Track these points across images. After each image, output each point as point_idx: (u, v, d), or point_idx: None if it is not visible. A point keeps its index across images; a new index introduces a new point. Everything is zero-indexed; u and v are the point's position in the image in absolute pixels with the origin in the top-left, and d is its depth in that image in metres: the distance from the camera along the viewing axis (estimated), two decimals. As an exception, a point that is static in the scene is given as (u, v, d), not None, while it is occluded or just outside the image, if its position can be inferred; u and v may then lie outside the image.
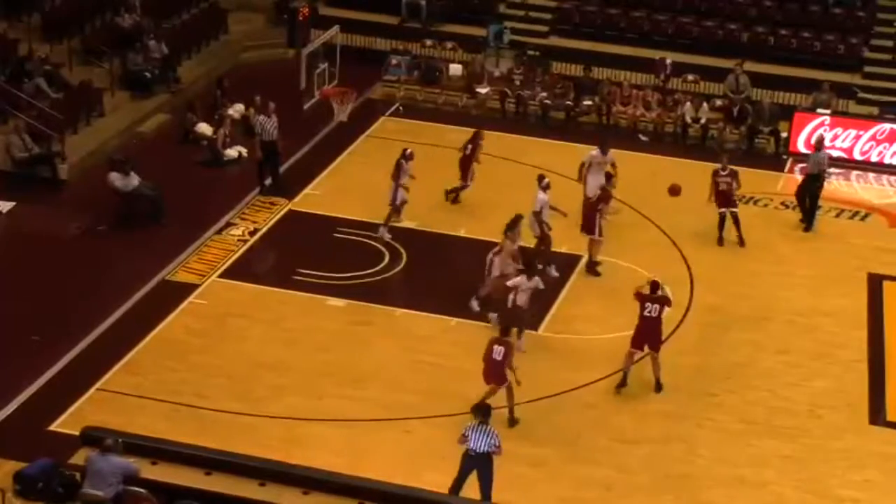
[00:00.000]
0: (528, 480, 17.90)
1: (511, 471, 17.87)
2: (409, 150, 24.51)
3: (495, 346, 18.89)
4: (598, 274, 23.64)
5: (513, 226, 22.10)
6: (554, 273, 23.30)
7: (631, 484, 18.19)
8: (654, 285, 20.01)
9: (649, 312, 19.82)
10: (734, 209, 24.86)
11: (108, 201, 24.65)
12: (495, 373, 18.90)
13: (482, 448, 16.72)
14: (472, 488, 16.94)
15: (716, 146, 29.41)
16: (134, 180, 24.59)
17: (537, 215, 23.17)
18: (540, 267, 22.20)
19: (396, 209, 24.22)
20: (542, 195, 23.24)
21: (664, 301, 20.09)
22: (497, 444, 16.76)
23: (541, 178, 23.67)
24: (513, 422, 19.01)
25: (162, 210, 24.75)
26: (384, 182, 24.79)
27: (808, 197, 25.93)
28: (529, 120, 30.66)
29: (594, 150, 25.17)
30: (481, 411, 16.97)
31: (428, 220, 25.04)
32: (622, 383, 20.19)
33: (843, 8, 33.03)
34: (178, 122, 29.15)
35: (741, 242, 24.79)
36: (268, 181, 26.28)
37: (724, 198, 24.82)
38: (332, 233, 24.50)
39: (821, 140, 26.69)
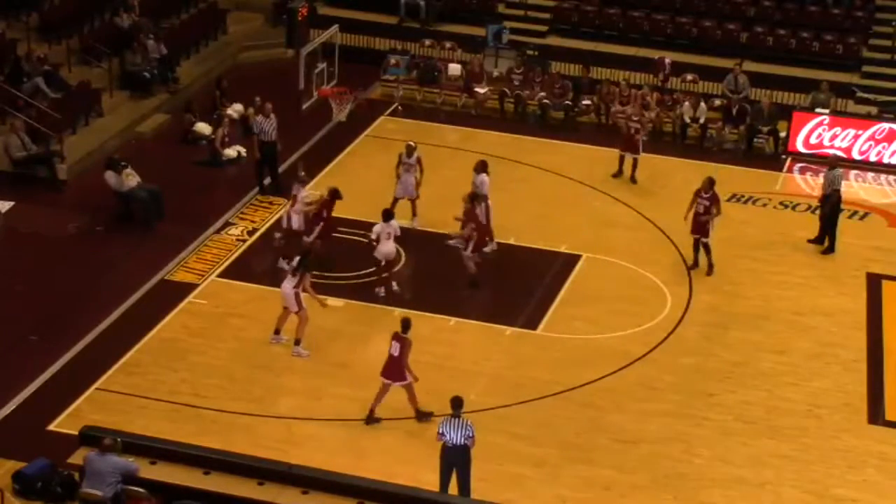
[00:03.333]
0: (528, 480, 17.90)
1: (511, 471, 17.90)
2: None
3: (393, 342, 18.83)
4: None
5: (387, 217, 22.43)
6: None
7: (630, 484, 18.19)
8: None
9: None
10: (705, 239, 23.49)
11: (106, 201, 24.65)
12: (394, 370, 18.84)
13: (459, 441, 16.77)
14: (471, 489, 16.95)
15: (715, 146, 29.46)
16: (132, 180, 24.59)
17: (477, 197, 23.37)
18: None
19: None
20: (485, 176, 23.67)
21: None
22: (471, 434, 16.78)
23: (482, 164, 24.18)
24: (422, 416, 19.01)
25: (161, 210, 24.74)
26: (383, 182, 24.79)
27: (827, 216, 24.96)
28: (528, 120, 30.65)
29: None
30: (452, 404, 16.97)
31: (427, 220, 25.02)
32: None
33: (842, 8, 33.05)
34: (177, 122, 29.15)
35: (710, 271, 23.59)
36: (267, 181, 26.28)
37: (697, 223, 23.41)
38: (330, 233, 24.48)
39: (836, 159, 25.83)
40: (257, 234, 24.65)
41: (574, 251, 24.27)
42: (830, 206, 24.85)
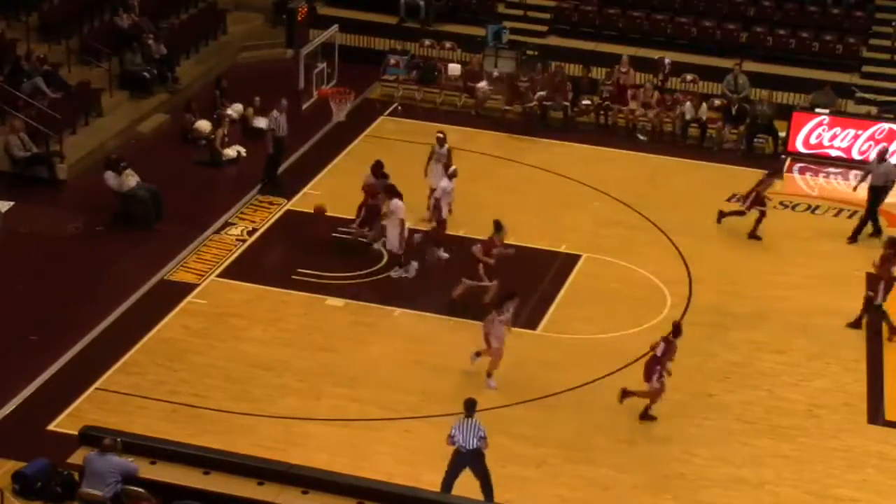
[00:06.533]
0: (528, 480, 17.90)
1: (511, 471, 17.89)
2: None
3: (660, 342, 19.14)
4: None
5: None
6: (444, 255, 23.77)
7: (629, 484, 18.19)
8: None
9: None
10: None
11: (106, 201, 24.65)
12: (648, 369, 19.25)
13: (472, 444, 16.73)
14: (467, 487, 16.95)
15: (715, 146, 29.49)
16: (132, 180, 24.58)
17: (438, 203, 23.56)
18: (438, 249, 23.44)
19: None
20: (446, 183, 23.61)
21: None
22: (483, 435, 16.75)
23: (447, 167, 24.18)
24: (645, 416, 19.56)
25: (161, 210, 24.74)
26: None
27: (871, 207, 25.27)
28: (529, 120, 30.63)
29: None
30: (466, 406, 16.95)
31: (426, 220, 25.00)
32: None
33: (842, 8, 33.04)
34: (177, 122, 29.16)
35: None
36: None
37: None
38: (331, 233, 24.49)
39: (884, 150, 25.96)
40: (257, 234, 24.66)
41: (574, 251, 24.27)
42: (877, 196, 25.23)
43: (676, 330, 19.39)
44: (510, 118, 30.46)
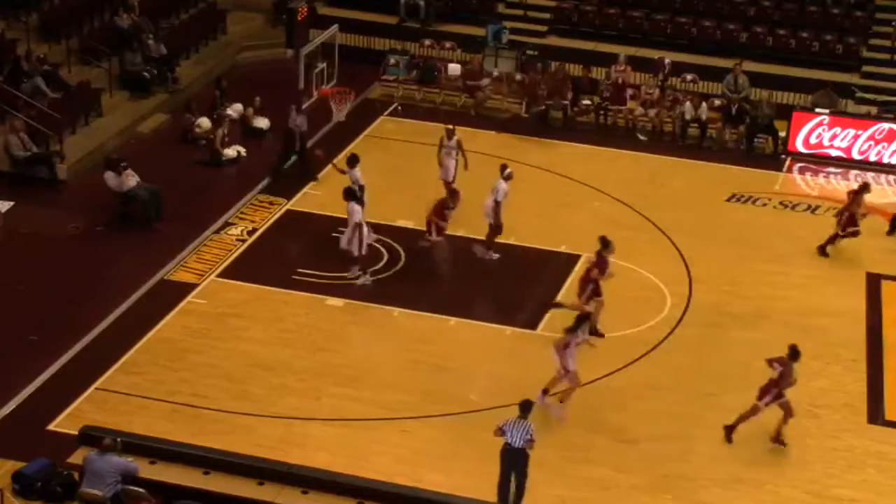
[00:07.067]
0: (528, 480, 17.88)
1: (510, 470, 17.89)
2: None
3: (775, 364, 18.84)
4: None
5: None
6: (494, 255, 23.73)
7: (629, 483, 18.19)
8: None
9: None
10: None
11: (106, 201, 24.65)
12: (765, 389, 18.92)
13: (518, 443, 16.81)
14: (468, 487, 16.95)
15: (715, 145, 29.49)
16: (132, 180, 24.58)
17: (497, 204, 23.42)
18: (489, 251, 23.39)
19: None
20: (503, 184, 23.46)
21: None
22: (530, 437, 16.84)
23: (503, 167, 23.89)
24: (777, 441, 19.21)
25: (160, 210, 24.74)
26: (383, 182, 24.78)
27: None
28: (530, 120, 30.62)
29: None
30: (521, 407, 17.04)
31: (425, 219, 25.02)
32: None
33: (842, 8, 33.04)
34: (177, 121, 29.15)
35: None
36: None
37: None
38: (331, 232, 24.48)
39: None
40: (257, 234, 24.65)
41: (574, 251, 24.26)
42: None
43: (794, 353, 18.89)
44: (511, 119, 30.46)
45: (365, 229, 22.59)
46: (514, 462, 17.02)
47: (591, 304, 21.28)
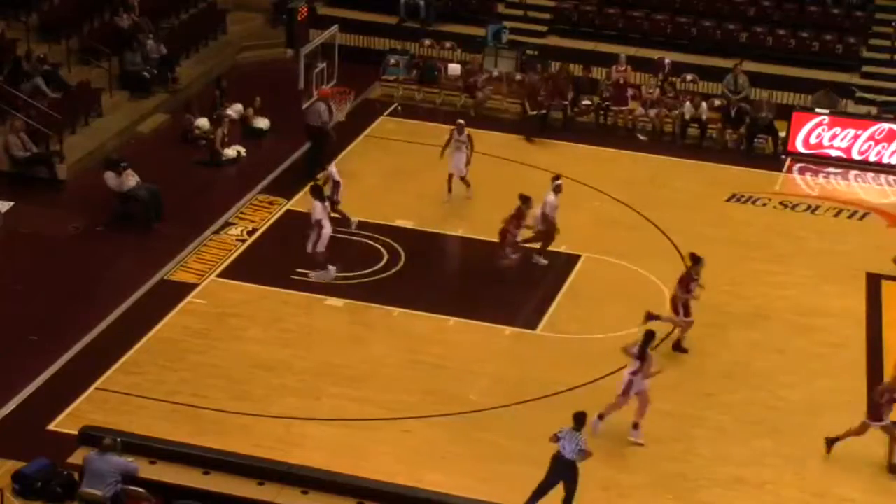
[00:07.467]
0: (528, 480, 17.83)
1: (511, 470, 17.89)
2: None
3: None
4: None
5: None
6: (542, 261, 23.71)
7: (630, 483, 18.19)
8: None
9: None
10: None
11: (106, 201, 24.65)
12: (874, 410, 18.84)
13: (570, 455, 16.79)
14: (467, 487, 16.95)
15: (715, 145, 29.48)
16: (132, 180, 24.59)
17: (545, 216, 23.42)
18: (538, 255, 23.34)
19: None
20: (551, 198, 23.40)
21: None
22: (583, 448, 16.77)
23: (554, 178, 23.85)
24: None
25: (160, 210, 24.74)
26: (383, 181, 24.76)
27: None
28: (531, 120, 30.62)
29: None
30: (575, 419, 16.98)
31: (426, 220, 25.03)
32: None
33: (842, 8, 33.05)
34: (177, 121, 29.15)
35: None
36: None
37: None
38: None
39: None
40: (257, 234, 24.65)
41: (574, 251, 24.26)
42: None
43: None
44: (509, 118, 30.47)
45: (326, 229, 22.56)
46: (563, 472, 16.96)
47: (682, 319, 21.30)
